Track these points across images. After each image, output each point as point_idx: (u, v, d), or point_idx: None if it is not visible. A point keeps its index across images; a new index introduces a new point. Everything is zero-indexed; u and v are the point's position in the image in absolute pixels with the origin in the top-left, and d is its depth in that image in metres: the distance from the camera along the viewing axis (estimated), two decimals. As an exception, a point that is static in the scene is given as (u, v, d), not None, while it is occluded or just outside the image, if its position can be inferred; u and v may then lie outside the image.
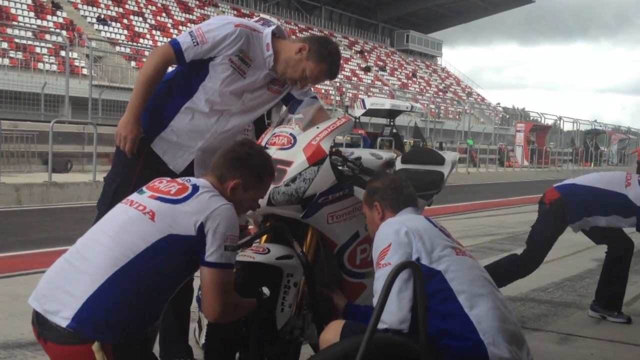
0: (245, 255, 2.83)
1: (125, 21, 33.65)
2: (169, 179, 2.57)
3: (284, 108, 3.43)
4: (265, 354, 2.80)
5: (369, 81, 45.44)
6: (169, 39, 3.24)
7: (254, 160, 2.59)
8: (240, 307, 2.51)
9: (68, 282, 2.28)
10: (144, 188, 2.54)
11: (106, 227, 2.43)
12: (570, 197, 4.59)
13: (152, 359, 2.40)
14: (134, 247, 2.31)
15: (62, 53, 22.33)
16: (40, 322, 2.27)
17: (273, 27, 3.28)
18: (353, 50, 51.82)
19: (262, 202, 2.89)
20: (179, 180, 2.54)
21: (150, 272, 2.29)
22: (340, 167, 3.06)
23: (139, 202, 2.44)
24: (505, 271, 4.53)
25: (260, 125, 4.20)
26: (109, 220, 2.49)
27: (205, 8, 41.46)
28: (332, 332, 2.55)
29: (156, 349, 2.65)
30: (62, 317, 2.21)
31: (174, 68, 3.32)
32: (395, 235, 2.57)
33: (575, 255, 7.74)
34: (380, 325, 2.41)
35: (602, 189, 4.55)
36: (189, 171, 3.23)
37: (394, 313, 2.42)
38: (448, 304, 2.43)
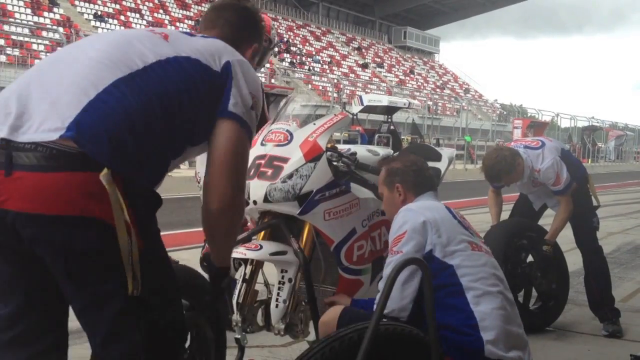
0: (238, 252, 2.83)
1: (122, 18, 33.60)
2: None
3: (281, 104, 3.44)
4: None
5: (367, 78, 45.42)
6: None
7: (261, 18, 2.14)
8: (241, 216, 1.92)
9: (47, 88, 1.62)
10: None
11: (94, 40, 1.85)
12: None
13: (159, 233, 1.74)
14: (144, 56, 1.71)
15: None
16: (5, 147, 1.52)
17: None
18: (350, 47, 51.77)
19: (259, 198, 2.89)
20: None
21: (172, 86, 1.69)
22: (335, 163, 3.07)
23: (142, 28, 1.92)
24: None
25: (262, 119, 4.27)
26: (96, 36, 1.92)
27: (203, 4, 41.37)
28: (330, 316, 2.58)
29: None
30: (50, 129, 1.52)
31: None
32: (413, 224, 2.55)
33: (572, 251, 7.74)
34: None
35: None
36: None
37: (396, 301, 2.44)
38: (455, 298, 2.44)
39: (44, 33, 25.45)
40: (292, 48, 43.06)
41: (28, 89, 1.63)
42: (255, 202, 2.90)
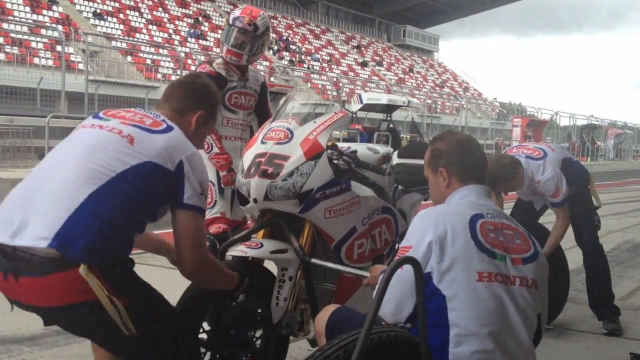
0: (238, 250, 2.83)
1: (121, 16, 33.53)
2: (127, 109, 2.48)
3: (281, 102, 3.44)
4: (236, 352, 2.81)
5: (366, 76, 45.38)
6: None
7: (210, 90, 2.62)
8: (215, 268, 2.47)
9: (38, 202, 2.10)
10: (103, 115, 2.41)
11: (73, 148, 2.28)
12: None
13: (139, 280, 2.24)
14: (112, 167, 2.18)
15: (58, 48, 22.23)
16: (6, 255, 2.04)
17: None
18: (350, 45, 51.74)
19: (259, 197, 2.89)
20: (142, 111, 2.45)
21: (131, 195, 2.17)
22: (335, 161, 3.06)
23: (111, 126, 2.31)
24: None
25: (265, 114, 4.34)
26: (75, 141, 2.32)
27: (202, 2, 41.31)
28: (323, 314, 2.49)
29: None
30: (40, 238, 2.01)
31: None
32: (420, 241, 2.25)
33: (571, 250, 7.74)
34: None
35: None
36: None
37: (389, 311, 2.27)
38: (436, 331, 2.17)
39: (43, 31, 25.42)
40: (291, 46, 43.02)
41: (25, 200, 2.13)
42: (255, 200, 2.90)
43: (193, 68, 25.76)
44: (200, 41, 35.87)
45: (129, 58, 28.65)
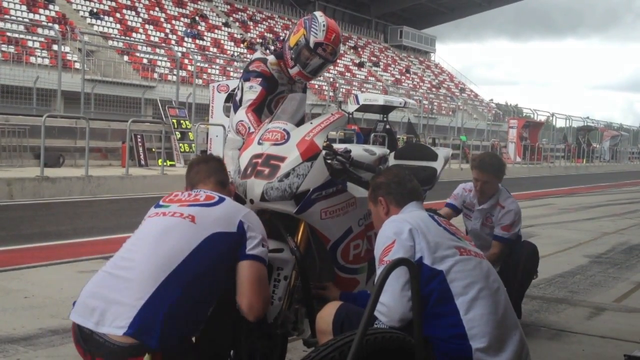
0: None
1: (118, 15, 33.48)
2: (181, 192, 2.71)
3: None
4: (256, 348, 2.84)
5: (363, 77, 45.40)
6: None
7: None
8: (269, 299, 2.64)
9: (115, 292, 2.28)
10: (164, 202, 2.64)
11: (144, 237, 2.47)
12: None
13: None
14: (180, 251, 2.36)
15: (55, 47, 22.18)
16: (85, 338, 2.25)
17: None
18: (347, 46, 51.75)
19: (256, 197, 2.89)
20: (194, 193, 2.69)
21: (199, 274, 2.33)
22: (329, 161, 3.07)
23: (173, 211, 2.52)
24: None
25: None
26: (145, 231, 2.51)
27: (199, 2, 41.27)
28: (327, 311, 2.56)
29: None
30: (117, 327, 2.20)
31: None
32: (400, 233, 2.52)
33: (567, 251, 7.79)
34: (380, 319, 2.41)
35: None
36: None
37: (395, 310, 2.39)
38: (444, 305, 2.39)
39: (39, 30, 25.33)
40: (288, 46, 42.92)
41: (103, 289, 2.30)
42: (252, 201, 2.91)
43: (190, 68, 25.76)
44: (197, 41, 35.83)
45: (126, 57, 28.60)
